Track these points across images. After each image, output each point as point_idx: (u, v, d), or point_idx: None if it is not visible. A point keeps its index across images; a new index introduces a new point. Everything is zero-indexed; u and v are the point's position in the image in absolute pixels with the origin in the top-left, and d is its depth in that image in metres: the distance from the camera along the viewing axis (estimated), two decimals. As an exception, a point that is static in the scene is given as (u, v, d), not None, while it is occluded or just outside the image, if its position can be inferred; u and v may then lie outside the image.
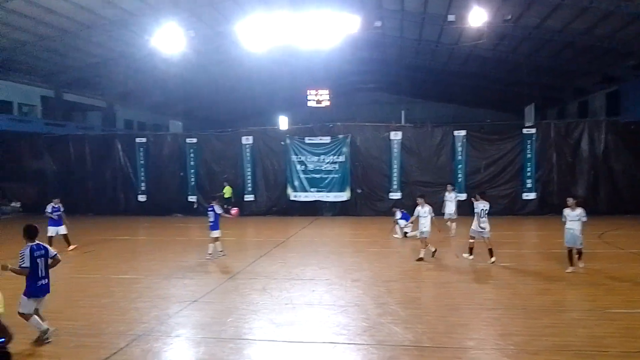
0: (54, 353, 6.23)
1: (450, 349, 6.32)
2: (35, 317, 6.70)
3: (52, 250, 7.22)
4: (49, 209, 14.13)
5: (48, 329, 6.68)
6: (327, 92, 37.92)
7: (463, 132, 20.96)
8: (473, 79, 33.56)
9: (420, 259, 11.65)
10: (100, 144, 24.23)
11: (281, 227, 18.37)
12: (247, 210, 21.33)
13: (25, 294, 6.72)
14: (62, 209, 14.32)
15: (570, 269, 10.14)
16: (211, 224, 12.39)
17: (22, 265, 6.82)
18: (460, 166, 20.90)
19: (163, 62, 27.11)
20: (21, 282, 9.58)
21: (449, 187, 16.48)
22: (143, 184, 23.50)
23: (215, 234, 12.35)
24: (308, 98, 38.05)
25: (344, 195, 21.58)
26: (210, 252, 12.41)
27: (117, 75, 31.75)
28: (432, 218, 11.75)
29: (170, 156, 23.31)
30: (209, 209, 12.59)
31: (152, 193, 23.36)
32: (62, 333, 6.99)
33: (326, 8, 22.09)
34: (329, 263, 11.77)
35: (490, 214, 11.67)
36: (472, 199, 12.06)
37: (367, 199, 21.73)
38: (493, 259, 11.21)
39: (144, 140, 23.62)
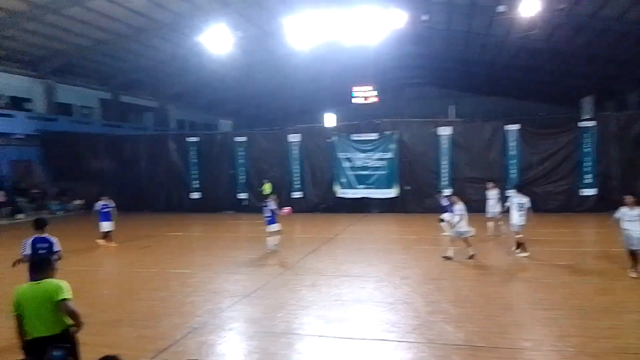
0: (116, 343, 6.57)
1: (505, 349, 6.17)
2: None
3: (58, 245, 7.41)
4: (98, 206, 15.05)
5: None
6: (373, 88, 37.65)
7: (515, 127, 20.26)
8: (525, 71, 32.36)
9: (448, 258, 11.24)
10: (154, 143, 25.17)
11: (329, 224, 18.46)
12: (294, 208, 21.43)
13: None
14: (112, 206, 15.07)
15: (633, 274, 9.48)
16: (268, 219, 12.87)
17: (23, 253, 7.25)
18: (512, 162, 20.24)
19: (212, 63, 27.86)
20: (87, 273, 10.13)
21: (490, 184, 15.70)
22: (195, 182, 24.24)
23: (273, 227, 12.83)
24: (354, 95, 37.93)
25: (392, 192, 21.41)
26: (270, 245, 12.92)
27: (169, 76, 32.95)
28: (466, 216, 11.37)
29: (220, 154, 23.91)
30: (265, 205, 13.11)
31: (203, 191, 24.06)
32: (124, 324, 7.38)
33: (372, 4, 21.95)
34: (377, 260, 11.75)
35: (546, 210, 11.29)
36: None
37: (415, 195, 21.46)
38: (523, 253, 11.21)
39: (195, 139, 24.35)
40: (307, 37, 23.31)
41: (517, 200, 11.20)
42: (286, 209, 13.35)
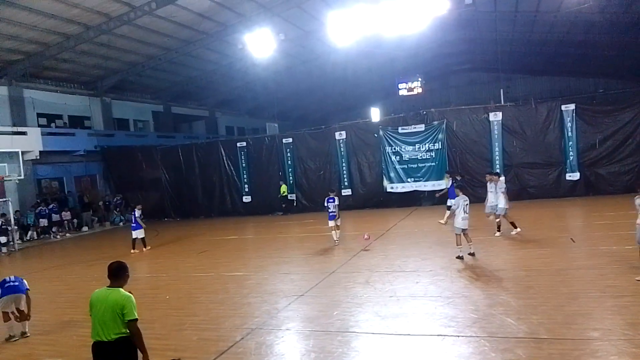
0: (180, 346, 6.81)
1: (571, 340, 5.88)
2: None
3: (26, 284, 8.05)
4: (137, 213, 15.80)
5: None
6: (418, 79, 36.97)
7: (572, 106, 19.26)
8: (579, 47, 30.69)
9: (460, 257, 10.55)
10: (206, 150, 25.91)
11: (379, 220, 18.32)
12: (344, 205, 21.53)
13: None
14: (140, 215, 15.89)
15: None
16: (332, 214, 13.65)
17: None
18: (571, 143, 19.27)
19: (256, 67, 28.35)
20: (150, 280, 10.58)
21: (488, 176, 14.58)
22: (246, 186, 24.76)
23: (333, 223, 13.68)
24: (399, 87, 37.40)
25: (443, 184, 20.85)
26: (335, 238, 13.79)
27: (215, 84, 33.84)
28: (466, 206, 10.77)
29: (268, 157, 24.29)
30: (330, 200, 13.81)
31: (255, 193, 24.54)
32: (186, 327, 7.65)
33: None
34: (431, 254, 11.52)
35: (610, 192, 10.65)
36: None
37: (468, 185, 20.81)
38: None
39: (244, 144, 24.86)
40: (348, 33, 23.17)
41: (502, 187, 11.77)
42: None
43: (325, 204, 14.01)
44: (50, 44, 22.29)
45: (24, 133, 22.40)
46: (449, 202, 15.03)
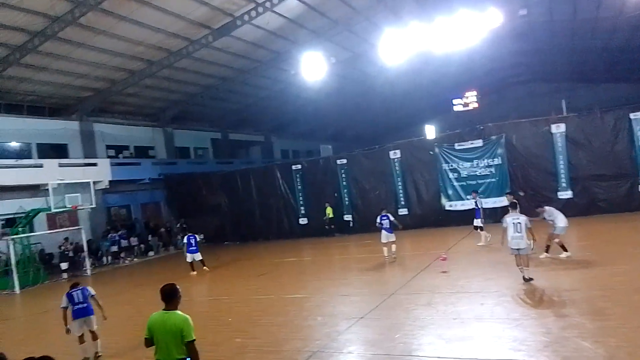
0: (244, 368, 6.91)
1: (657, 366, 5.44)
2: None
3: (92, 290, 8.58)
4: (189, 240, 16.97)
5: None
6: (474, 93, 36.23)
7: (642, 113, 18.17)
8: (646, 50, 29.06)
9: (528, 280, 9.78)
10: (262, 175, 26.48)
11: (439, 239, 17.88)
12: (401, 224, 21.23)
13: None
14: (198, 239, 17.04)
15: None
16: (387, 230, 14.25)
17: (61, 307, 8.45)
18: (643, 153, 18.09)
19: (308, 91, 28.90)
20: (213, 302, 10.85)
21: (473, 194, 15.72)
22: (302, 208, 25.00)
23: (391, 237, 14.24)
24: (454, 103, 36.81)
25: (504, 200, 20.16)
26: (386, 255, 14.29)
27: (270, 110, 34.76)
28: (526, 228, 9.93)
29: (323, 179, 24.44)
30: (383, 217, 14.53)
31: (311, 215, 24.69)
32: (249, 350, 7.75)
33: (463, 8, 21.27)
34: (496, 273, 11.08)
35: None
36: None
37: (532, 201, 19.95)
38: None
39: (299, 166, 25.21)
40: (399, 52, 23.20)
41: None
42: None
43: (379, 221, 14.66)
44: (117, 80, 23.86)
45: (94, 164, 23.95)
46: (476, 222, 15.36)
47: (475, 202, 15.99)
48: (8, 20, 16.95)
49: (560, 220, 11.82)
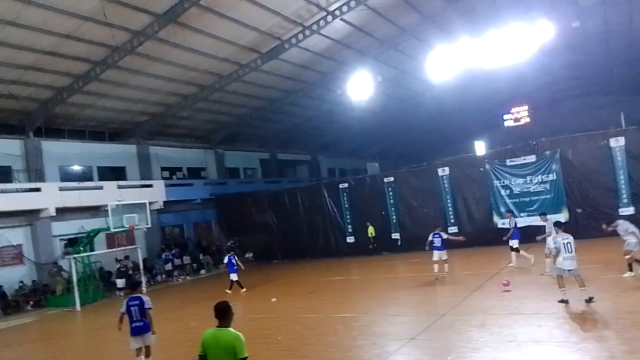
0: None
1: None
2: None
3: (149, 303, 8.64)
4: (225, 259, 17.78)
5: None
6: (525, 108, 35.22)
7: None
8: None
9: (563, 301, 9.49)
10: (310, 193, 26.68)
11: (491, 258, 17.30)
12: (451, 243, 20.76)
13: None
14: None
15: None
16: (436, 247, 14.49)
17: (120, 311, 8.72)
18: None
19: (355, 110, 29.09)
20: (262, 321, 11.02)
21: (508, 214, 15.51)
22: (349, 226, 24.94)
23: (443, 255, 14.39)
24: (504, 118, 35.91)
25: (561, 217, 19.27)
26: (436, 272, 14.34)
27: (317, 129, 35.21)
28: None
29: (370, 197, 24.31)
30: (435, 235, 14.66)
31: (358, 233, 24.56)
32: (298, 369, 7.77)
33: (514, 21, 20.84)
34: (552, 295, 10.55)
35: None
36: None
37: (591, 218, 19.04)
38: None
39: (346, 185, 25.24)
40: (447, 68, 22.95)
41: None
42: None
43: (431, 238, 14.79)
44: (171, 105, 24.99)
45: (150, 186, 24.97)
46: (512, 243, 14.81)
47: (509, 222, 15.49)
48: (72, 51, 18.19)
49: (636, 234, 11.18)
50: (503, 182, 20.49)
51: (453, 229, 21.44)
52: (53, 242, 21.86)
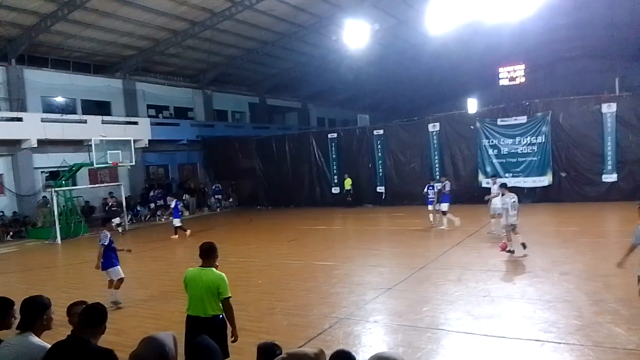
0: (271, 329, 7.05)
1: (696, 360, 5.22)
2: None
3: (101, 239, 8.89)
4: (172, 204, 17.96)
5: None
6: (522, 67, 34.67)
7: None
8: None
9: (510, 251, 10.66)
10: (298, 141, 26.47)
11: (473, 216, 17.47)
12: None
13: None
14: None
15: None
16: (430, 199, 15.34)
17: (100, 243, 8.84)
18: (699, 138, 17.05)
19: (349, 59, 28.37)
20: (244, 264, 11.12)
21: (493, 179, 15.09)
22: (335, 177, 24.96)
23: (444, 207, 14.89)
24: (500, 76, 35.40)
25: (545, 180, 19.56)
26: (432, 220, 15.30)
27: (308, 76, 34.43)
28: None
29: (359, 149, 24.23)
30: (430, 187, 15.54)
31: (344, 185, 24.59)
32: (277, 312, 7.90)
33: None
34: (530, 254, 10.79)
35: None
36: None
37: (574, 182, 19.31)
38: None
39: (335, 135, 25.05)
40: (446, 21, 22.24)
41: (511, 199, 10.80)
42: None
43: (426, 190, 15.75)
44: (160, 40, 24.07)
45: (135, 123, 24.49)
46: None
47: (444, 185, 15.37)
48: (57, -24, 17.22)
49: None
50: (492, 142, 20.49)
51: (437, 185, 21.57)
52: (34, 174, 21.59)
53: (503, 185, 11.68)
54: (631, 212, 15.28)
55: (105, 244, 8.78)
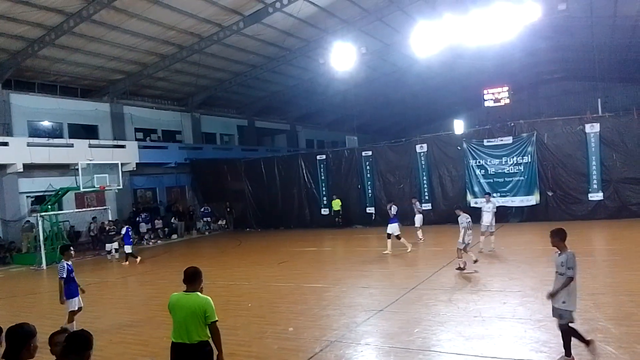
0: (261, 354, 6.94)
1: (687, 378, 5.23)
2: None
3: (59, 271, 8.43)
4: (123, 231, 17.91)
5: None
6: (506, 89, 35.32)
7: (682, 116, 17.47)
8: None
9: (461, 268, 11.33)
10: (287, 163, 26.53)
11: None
12: (424, 220, 20.99)
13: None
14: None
15: None
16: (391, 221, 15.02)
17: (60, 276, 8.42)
18: (681, 157, 17.42)
19: (337, 81, 28.71)
20: (233, 287, 10.96)
21: (487, 196, 15.23)
22: (325, 198, 24.98)
23: (394, 229, 14.77)
24: (485, 98, 35.97)
25: (532, 199, 19.77)
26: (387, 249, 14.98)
27: (297, 99, 34.72)
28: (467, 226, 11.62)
29: (347, 170, 24.34)
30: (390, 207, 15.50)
31: (332, 206, 24.62)
32: (267, 336, 7.78)
33: (500, 0, 20.60)
34: (520, 273, 10.85)
35: None
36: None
37: (561, 201, 19.54)
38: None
39: (323, 157, 25.15)
40: (431, 44, 22.64)
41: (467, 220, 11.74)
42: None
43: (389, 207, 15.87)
44: (148, 64, 24.16)
45: (123, 146, 24.37)
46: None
47: (390, 208, 15.27)
48: (45, 1, 17.26)
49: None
50: (479, 162, 20.72)
51: (427, 206, 21.71)
52: (20, 198, 21.28)
53: (459, 207, 12.64)
54: (616, 230, 15.56)
55: (64, 276, 8.32)
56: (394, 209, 15.26)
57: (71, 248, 9.09)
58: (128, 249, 17.61)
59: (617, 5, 22.42)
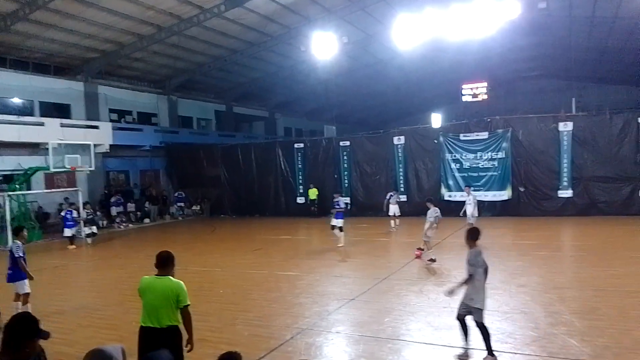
0: (232, 340, 6.91)
1: (643, 370, 5.44)
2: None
3: (17, 251, 8.51)
4: (66, 215, 17.73)
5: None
6: (484, 84, 35.77)
7: (651, 118, 18.00)
8: (663, 54, 28.58)
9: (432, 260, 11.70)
10: (264, 150, 26.36)
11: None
12: (401, 211, 21.20)
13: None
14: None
15: None
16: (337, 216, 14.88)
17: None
18: (648, 158, 17.97)
19: (317, 70, 28.55)
20: (206, 274, 10.88)
21: (467, 189, 15.75)
22: (301, 187, 24.95)
23: (339, 222, 14.72)
24: (463, 93, 36.40)
25: (505, 194, 20.15)
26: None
27: (276, 86, 34.43)
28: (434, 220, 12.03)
29: (325, 159, 24.34)
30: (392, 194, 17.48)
31: (309, 195, 24.62)
32: (239, 322, 7.77)
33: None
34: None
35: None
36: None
37: (532, 197, 19.97)
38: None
39: (301, 145, 25.08)
40: (413, 37, 22.70)
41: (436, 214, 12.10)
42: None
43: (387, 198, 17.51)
44: (125, 44, 23.54)
45: (96, 127, 23.78)
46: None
47: (338, 202, 15.34)
48: (18, -26, 16.65)
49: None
50: (454, 156, 20.97)
51: (403, 198, 21.90)
52: (-13, 177, 20.62)
53: (429, 200, 12.72)
54: (584, 227, 15.96)
55: (23, 255, 8.40)
56: (341, 202, 15.19)
57: (25, 229, 9.06)
58: (67, 232, 17.41)
59: (595, 6, 22.84)
